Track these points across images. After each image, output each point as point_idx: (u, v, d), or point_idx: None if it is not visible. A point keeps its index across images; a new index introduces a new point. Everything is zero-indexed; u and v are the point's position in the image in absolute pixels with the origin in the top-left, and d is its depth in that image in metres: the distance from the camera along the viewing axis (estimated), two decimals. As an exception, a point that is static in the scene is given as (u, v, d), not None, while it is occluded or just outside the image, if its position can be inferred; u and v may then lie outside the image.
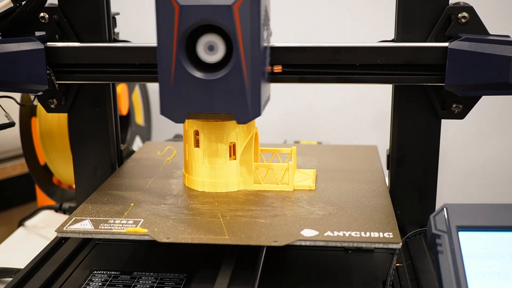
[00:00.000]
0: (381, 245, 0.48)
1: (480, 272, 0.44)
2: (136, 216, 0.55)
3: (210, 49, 0.51)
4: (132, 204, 0.57)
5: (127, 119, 1.14)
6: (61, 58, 0.60)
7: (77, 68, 0.61)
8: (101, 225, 0.53)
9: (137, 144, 1.16)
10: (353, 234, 0.50)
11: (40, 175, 0.85)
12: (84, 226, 0.53)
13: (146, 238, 0.50)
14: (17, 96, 0.74)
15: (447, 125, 0.65)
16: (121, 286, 0.53)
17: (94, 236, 0.52)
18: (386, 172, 0.68)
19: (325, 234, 0.50)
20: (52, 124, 0.78)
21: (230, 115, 0.52)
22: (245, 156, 0.60)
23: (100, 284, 0.54)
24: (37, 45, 0.58)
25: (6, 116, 0.63)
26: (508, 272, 0.44)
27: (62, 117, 0.77)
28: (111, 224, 0.53)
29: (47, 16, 0.61)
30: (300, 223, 0.52)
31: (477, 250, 0.45)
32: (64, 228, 0.52)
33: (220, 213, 0.55)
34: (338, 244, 0.49)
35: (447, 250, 0.44)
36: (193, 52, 0.52)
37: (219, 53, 0.51)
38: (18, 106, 0.68)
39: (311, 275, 0.55)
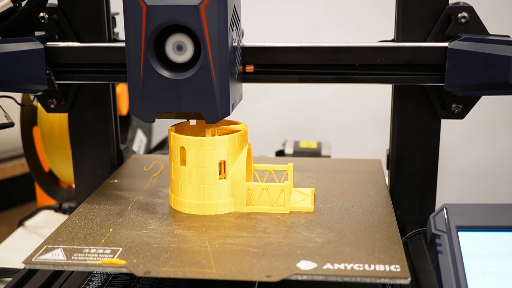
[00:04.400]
0: (387, 280, 0.43)
1: (480, 272, 0.44)
2: (114, 243, 0.49)
3: (178, 49, 0.52)
4: (111, 229, 0.52)
5: (127, 119, 1.14)
6: (61, 58, 0.60)
7: (77, 68, 0.61)
8: (75, 255, 0.47)
9: (139, 137, 1.16)
10: (355, 267, 0.45)
11: (46, 180, 0.85)
12: (55, 256, 0.47)
13: (124, 271, 0.46)
14: (17, 96, 0.74)
15: (447, 125, 0.64)
16: (121, 286, 0.53)
17: (66, 268, 0.47)
18: (386, 172, 0.68)
19: (324, 267, 0.45)
20: (54, 126, 0.78)
21: (199, 114, 0.52)
22: (236, 175, 0.55)
23: (100, 284, 0.54)
24: (37, 45, 0.58)
25: (5, 116, 0.63)
26: (508, 272, 0.44)
27: (63, 120, 0.77)
28: (86, 254, 0.47)
29: (46, 16, 0.61)
30: (297, 253, 0.47)
31: (476, 250, 0.45)
32: (33, 259, 0.47)
33: (207, 241, 0.50)
34: (339, 279, 0.44)
35: (446, 250, 0.44)
36: (162, 52, 0.52)
37: (187, 53, 0.52)
38: (18, 106, 0.68)
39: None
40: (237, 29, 0.54)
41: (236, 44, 0.54)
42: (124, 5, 0.50)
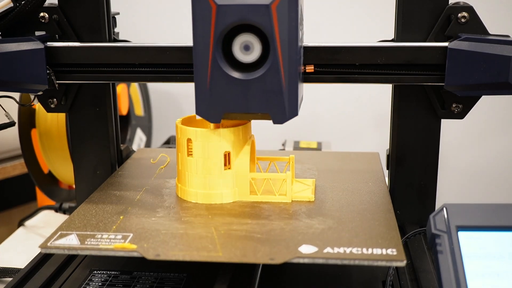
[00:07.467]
0: (384, 263, 0.45)
1: (479, 272, 0.44)
2: (125, 230, 0.52)
3: (246, 48, 0.51)
4: (121, 217, 0.54)
5: (127, 119, 1.14)
6: (61, 58, 0.60)
7: (77, 68, 0.61)
8: (88, 240, 0.49)
9: (139, 136, 1.16)
10: (354, 250, 0.47)
11: (46, 182, 0.85)
12: (69, 241, 0.49)
13: (135, 254, 0.47)
14: (17, 96, 0.74)
15: (447, 125, 0.64)
16: (121, 286, 0.53)
17: (80, 252, 0.49)
18: (386, 172, 0.68)
19: (325, 251, 0.47)
20: (52, 128, 0.78)
21: (267, 115, 0.52)
22: (240, 165, 0.57)
23: (100, 284, 0.54)
24: (37, 45, 0.58)
25: (6, 115, 0.63)
26: (508, 272, 0.44)
27: (61, 121, 0.77)
28: (98, 239, 0.50)
29: (47, 15, 0.61)
30: (298, 238, 0.49)
31: (476, 250, 0.45)
32: (49, 244, 0.49)
33: (213, 227, 0.52)
34: (339, 262, 0.45)
35: (446, 250, 0.44)
36: (229, 52, 0.51)
37: (255, 53, 0.51)
38: (16, 108, 0.68)
39: (310, 275, 0.55)
40: (302, 28, 0.54)
41: (301, 43, 0.53)
42: (193, 5, 0.50)
